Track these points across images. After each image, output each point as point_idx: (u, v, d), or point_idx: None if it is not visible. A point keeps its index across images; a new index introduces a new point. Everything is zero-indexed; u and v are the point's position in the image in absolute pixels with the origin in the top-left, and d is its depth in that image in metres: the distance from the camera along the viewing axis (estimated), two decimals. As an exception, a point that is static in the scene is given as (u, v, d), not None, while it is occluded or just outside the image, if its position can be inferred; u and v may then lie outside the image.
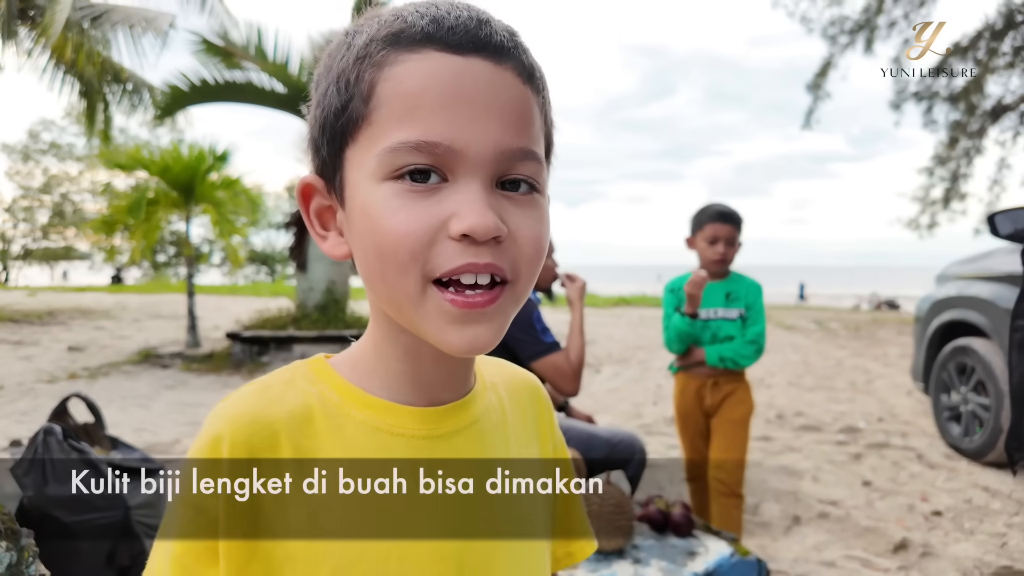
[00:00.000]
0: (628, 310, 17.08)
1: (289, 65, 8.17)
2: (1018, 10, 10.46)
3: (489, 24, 0.46)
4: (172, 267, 32.09)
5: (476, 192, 0.44)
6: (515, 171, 0.47)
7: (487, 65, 0.45)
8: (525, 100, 0.47)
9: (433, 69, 0.44)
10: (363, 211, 0.47)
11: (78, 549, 1.97)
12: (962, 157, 12.74)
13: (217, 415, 0.49)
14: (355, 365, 0.55)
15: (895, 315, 16.63)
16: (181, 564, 0.47)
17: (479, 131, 0.44)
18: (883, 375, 7.07)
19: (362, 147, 0.47)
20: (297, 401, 0.51)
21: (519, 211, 0.47)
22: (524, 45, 0.49)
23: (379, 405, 0.52)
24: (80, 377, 6.34)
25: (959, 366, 4.18)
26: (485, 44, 0.45)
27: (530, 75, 0.48)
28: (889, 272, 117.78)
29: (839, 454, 4.18)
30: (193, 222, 8.94)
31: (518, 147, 0.46)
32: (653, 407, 5.49)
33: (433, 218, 0.44)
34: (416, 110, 0.44)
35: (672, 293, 2.61)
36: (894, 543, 2.82)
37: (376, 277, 0.48)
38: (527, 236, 0.47)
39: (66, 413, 2.39)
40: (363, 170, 0.47)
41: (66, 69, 8.12)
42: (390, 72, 0.45)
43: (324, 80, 0.49)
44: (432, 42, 0.45)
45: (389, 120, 0.45)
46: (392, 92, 0.45)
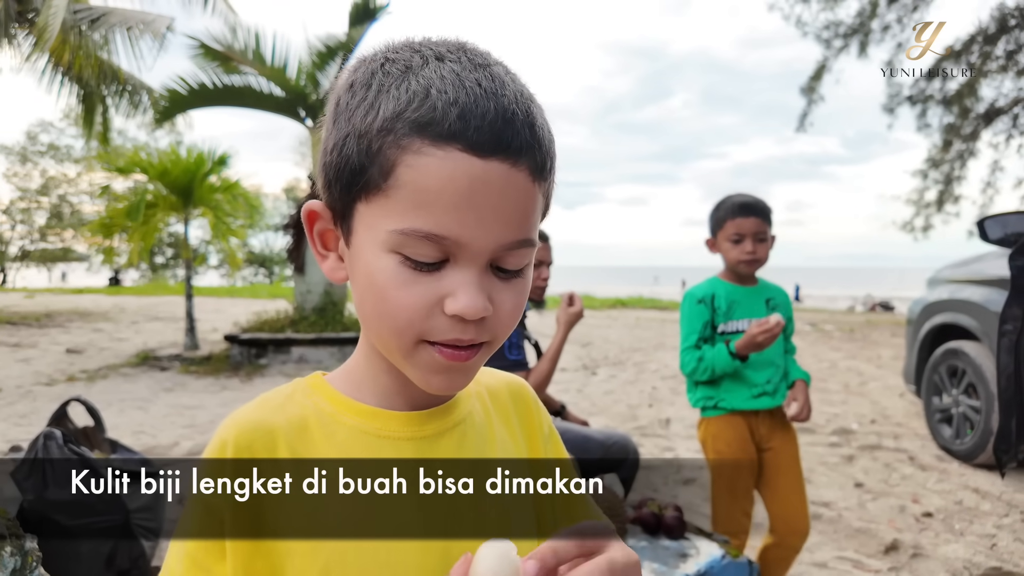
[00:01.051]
0: (624, 312, 17.10)
1: (287, 69, 8.19)
2: (1011, 14, 10.53)
3: (512, 123, 0.48)
4: (170, 269, 32.04)
5: (472, 278, 0.50)
6: (509, 261, 0.51)
7: (503, 168, 0.48)
8: (531, 198, 0.51)
9: (454, 172, 0.47)
10: (367, 271, 0.51)
11: (78, 552, 1.99)
12: (956, 160, 12.82)
13: (224, 424, 0.56)
14: (348, 377, 0.61)
15: (889, 317, 16.68)
16: (193, 560, 0.52)
17: (484, 231, 0.49)
18: (876, 377, 7.11)
19: (374, 212, 0.50)
20: (295, 412, 0.57)
21: (505, 287, 0.52)
22: (540, 136, 0.50)
23: (368, 412, 0.58)
24: (78, 379, 6.35)
25: (950, 369, 4.23)
26: (506, 147, 0.48)
27: (541, 169, 0.51)
28: (884, 274, 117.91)
29: (832, 456, 4.22)
30: (191, 224, 8.95)
31: (515, 240, 0.50)
32: (648, 409, 5.52)
33: (432, 295, 0.50)
34: (432, 205, 0.48)
35: (702, 305, 2.07)
36: (885, 544, 2.86)
37: (372, 326, 0.54)
38: (508, 310, 0.52)
39: (66, 417, 2.41)
40: (372, 233, 0.50)
41: (64, 71, 8.14)
42: (414, 160, 0.47)
43: (344, 123, 0.51)
44: (457, 140, 0.47)
45: (405, 203, 0.48)
46: (411, 180, 0.48)
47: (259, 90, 8.26)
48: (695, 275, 75.10)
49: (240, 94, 8.25)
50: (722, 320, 2.06)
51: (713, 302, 2.06)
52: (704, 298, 2.07)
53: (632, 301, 20.28)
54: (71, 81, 8.40)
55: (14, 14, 8.14)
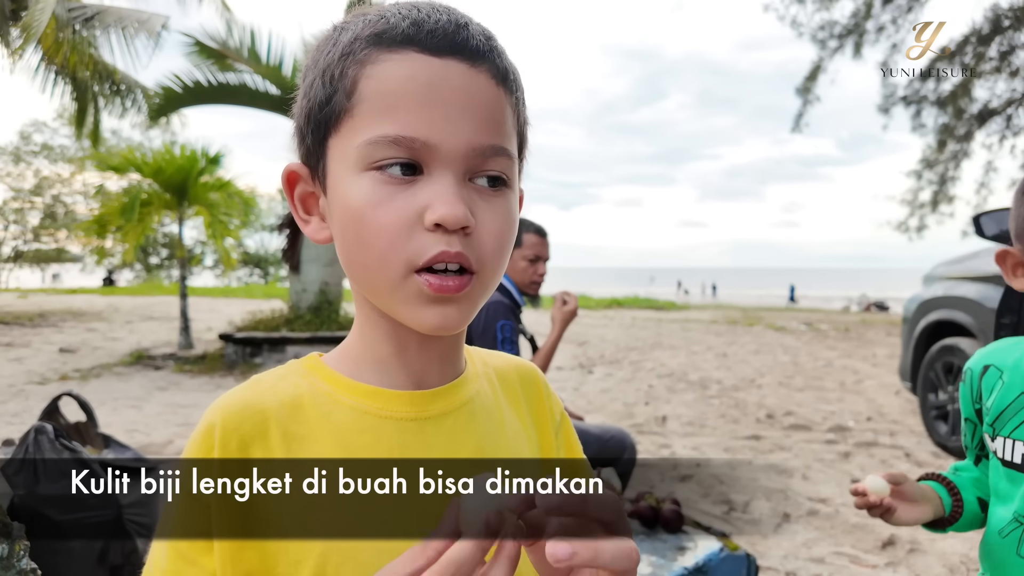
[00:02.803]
0: (621, 312, 17.12)
1: (283, 67, 8.16)
2: (1004, 15, 10.59)
3: (467, 28, 0.49)
4: (165, 269, 31.91)
5: (448, 185, 0.48)
6: (486, 167, 0.50)
7: (463, 67, 0.48)
8: (498, 100, 0.50)
9: (412, 69, 0.47)
10: (344, 201, 0.50)
11: (70, 548, 1.97)
12: (950, 160, 12.88)
13: (212, 406, 0.52)
14: (345, 355, 0.57)
15: (884, 316, 16.76)
16: (178, 552, 0.49)
17: (453, 129, 0.48)
18: (872, 375, 7.13)
19: (344, 138, 0.50)
20: (288, 391, 0.53)
21: (486, 205, 0.50)
22: (500, 48, 0.51)
23: (368, 391, 0.54)
24: (71, 379, 6.31)
25: (946, 365, 4.23)
26: (462, 47, 0.48)
27: (504, 77, 0.51)
28: (878, 274, 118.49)
29: (828, 453, 4.22)
30: (186, 224, 8.91)
31: (488, 144, 0.49)
32: (644, 407, 5.52)
33: (410, 210, 0.48)
34: (395, 107, 0.47)
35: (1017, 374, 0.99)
36: (882, 540, 2.86)
37: (357, 264, 0.51)
38: (491, 230, 0.50)
39: (57, 412, 2.37)
40: (344, 160, 0.50)
41: (57, 70, 8.09)
42: (372, 70, 0.48)
43: (311, 72, 0.52)
44: (412, 44, 0.48)
45: (369, 114, 0.48)
46: (373, 89, 0.48)
47: (254, 88, 8.23)
48: (690, 276, 75.21)
49: (235, 92, 8.21)
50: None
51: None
52: (1004, 368, 1.02)
53: (628, 301, 20.31)
54: (64, 80, 8.35)
55: (8, 13, 8.10)
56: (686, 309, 19.17)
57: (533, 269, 2.34)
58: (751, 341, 10.43)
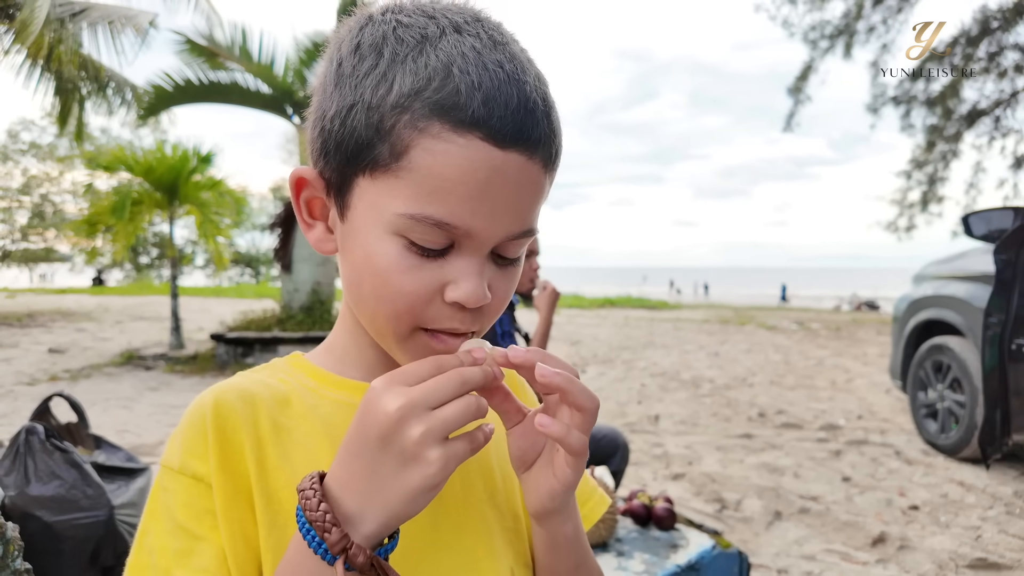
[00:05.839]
0: (613, 311, 17.16)
1: (274, 66, 8.13)
2: (993, 16, 10.68)
3: (534, 113, 0.46)
4: (155, 269, 31.70)
5: (475, 266, 0.48)
6: (510, 250, 0.50)
7: (521, 160, 0.46)
8: (541, 188, 0.49)
9: (474, 162, 0.45)
10: (367, 253, 0.49)
11: (61, 549, 1.95)
12: (939, 161, 12.99)
13: (202, 393, 0.54)
14: (330, 352, 0.60)
15: (875, 316, 16.87)
16: (183, 529, 0.49)
17: (495, 221, 0.47)
18: (862, 374, 7.18)
19: (379, 190, 0.47)
20: (275, 386, 0.56)
21: (502, 275, 0.51)
22: (555, 123, 0.49)
23: (354, 385, 0.57)
24: (61, 379, 6.26)
25: (935, 364, 4.27)
26: (526, 138, 0.46)
27: (553, 160, 0.49)
28: (869, 274, 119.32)
29: (819, 451, 4.25)
30: (177, 223, 8.85)
31: (521, 231, 0.49)
32: (637, 406, 5.54)
33: (434, 281, 0.48)
34: (447, 193, 0.45)
35: None
36: (872, 537, 2.88)
37: (366, 309, 0.51)
38: (501, 296, 0.52)
39: (48, 413, 2.36)
40: (375, 212, 0.48)
41: (43, 67, 8.00)
42: (432, 145, 0.45)
43: (351, 91, 0.47)
44: (479, 128, 0.44)
45: (417, 188, 0.45)
46: (428, 166, 0.45)
47: (245, 87, 8.20)
48: (683, 275, 75.49)
49: (226, 91, 8.17)
50: None
51: None
52: None
53: (621, 300, 20.37)
54: (48, 76, 8.25)
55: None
56: (678, 308, 19.24)
57: (527, 265, 2.33)
58: (743, 340, 10.48)
